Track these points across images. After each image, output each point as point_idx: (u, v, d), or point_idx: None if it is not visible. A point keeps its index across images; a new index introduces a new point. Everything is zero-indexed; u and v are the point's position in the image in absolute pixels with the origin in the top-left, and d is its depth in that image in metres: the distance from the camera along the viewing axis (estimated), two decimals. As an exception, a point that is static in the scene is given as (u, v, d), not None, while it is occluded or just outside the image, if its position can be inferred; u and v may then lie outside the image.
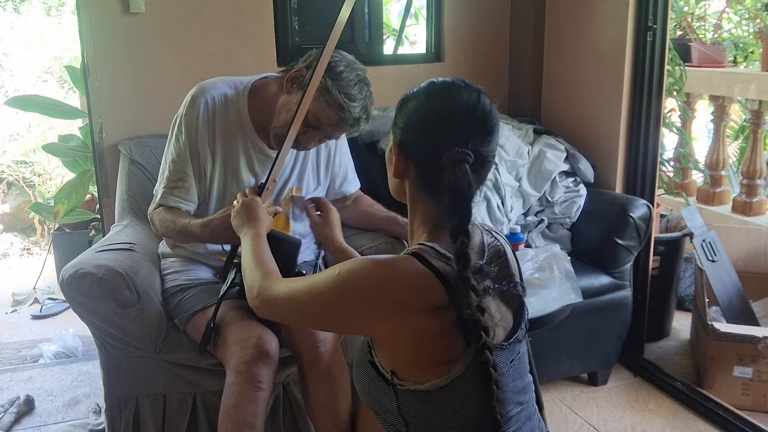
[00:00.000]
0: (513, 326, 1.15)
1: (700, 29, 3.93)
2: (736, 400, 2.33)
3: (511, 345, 1.12)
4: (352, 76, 1.70)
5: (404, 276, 1.05)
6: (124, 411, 1.87)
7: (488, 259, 1.14)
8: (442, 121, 1.11)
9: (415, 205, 1.17)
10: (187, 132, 1.81)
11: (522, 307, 1.18)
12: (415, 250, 1.09)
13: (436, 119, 1.12)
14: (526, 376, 1.17)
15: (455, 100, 1.12)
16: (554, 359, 2.37)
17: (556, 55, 2.88)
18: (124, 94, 2.47)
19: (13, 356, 2.90)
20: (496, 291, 1.12)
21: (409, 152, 1.14)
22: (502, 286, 1.14)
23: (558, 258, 1.82)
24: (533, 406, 1.18)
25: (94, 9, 2.40)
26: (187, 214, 1.84)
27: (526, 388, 1.16)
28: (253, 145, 1.85)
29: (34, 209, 3.92)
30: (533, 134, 2.76)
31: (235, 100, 1.84)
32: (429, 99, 1.14)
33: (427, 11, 3.05)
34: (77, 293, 1.75)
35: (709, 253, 2.69)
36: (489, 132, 1.12)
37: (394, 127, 1.18)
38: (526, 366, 1.18)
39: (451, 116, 1.11)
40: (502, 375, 1.07)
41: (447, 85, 1.15)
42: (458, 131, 1.09)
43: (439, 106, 1.13)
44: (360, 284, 1.06)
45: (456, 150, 1.06)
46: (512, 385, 1.11)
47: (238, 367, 1.58)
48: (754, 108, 3.39)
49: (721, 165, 3.56)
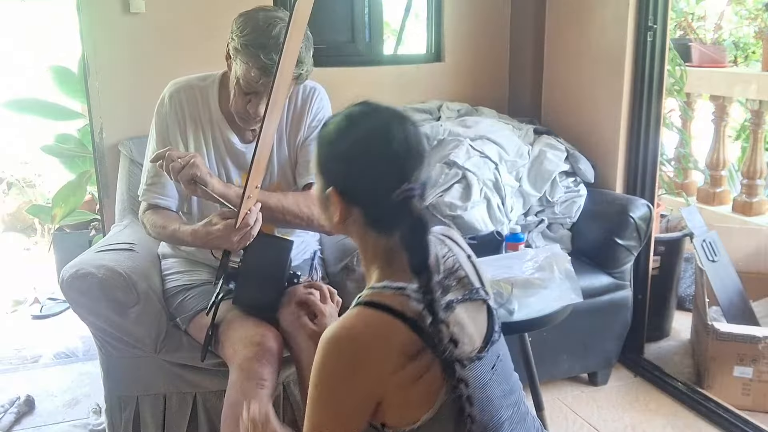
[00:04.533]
0: (486, 330, 1.13)
1: (700, 29, 3.93)
2: (736, 400, 2.33)
3: (490, 350, 1.11)
4: (255, 24, 1.64)
5: (369, 340, 1.02)
6: (124, 411, 1.87)
7: (444, 274, 1.12)
8: (383, 163, 1.08)
9: (364, 242, 1.14)
10: (159, 129, 1.82)
11: (490, 309, 1.16)
12: (368, 298, 1.06)
13: (377, 163, 1.08)
14: (511, 375, 1.16)
15: (390, 138, 1.09)
16: (554, 359, 2.37)
17: (556, 55, 2.88)
18: (124, 94, 2.47)
19: (13, 356, 2.90)
20: (460, 302, 1.10)
21: (353, 198, 1.10)
22: (465, 297, 1.12)
23: (558, 258, 1.82)
24: (524, 405, 1.17)
25: (94, 9, 2.40)
26: (176, 217, 1.83)
27: (513, 387, 1.15)
28: (223, 136, 1.84)
29: (33, 212, 3.91)
30: (533, 134, 2.76)
31: (205, 92, 1.83)
32: (362, 142, 1.10)
33: (427, 11, 3.05)
34: (77, 293, 1.75)
35: (709, 253, 2.69)
36: (423, 157, 1.10)
37: (327, 172, 1.13)
38: (510, 365, 1.17)
39: (390, 156, 1.08)
40: (484, 385, 1.06)
41: (376, 123, 1.11)
42: (400, 169, 1.07)
43: (375, 148, 1.09)
44: (337, 379, 1.03)
45: (404, 188, 1.04)
46: (498, 390, 1.09)
47: (242, 364, 1.58)
48: (754, 108, 3.38)
49: (721, 165, 3.55)
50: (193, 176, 1.57)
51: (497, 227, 2.40)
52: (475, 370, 1.05)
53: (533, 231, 2.53)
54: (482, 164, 2.50)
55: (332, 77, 2.55)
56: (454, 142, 2.55)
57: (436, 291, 1.02)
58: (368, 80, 2.88)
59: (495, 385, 1.09)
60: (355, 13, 2.88)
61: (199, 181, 1.58)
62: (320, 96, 1.90)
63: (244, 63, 1.65)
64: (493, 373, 1.09)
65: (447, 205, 2.38)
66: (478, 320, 1.13)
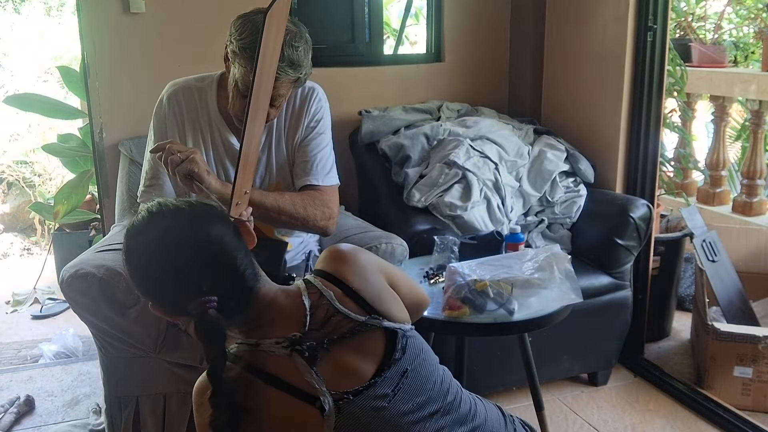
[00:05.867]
0: (384, 353, 1.10)
1: (700, 29, 3.92)
2: (736, 400, 2.33)
3: (388, 372, 1.08)
4: (252, 28, 1.63)
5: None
6: (124, 411, 1.87)
7: (311, 327, 1.08)
8: (165, 285, 1.06)
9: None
10: (158, 130, 1.83)
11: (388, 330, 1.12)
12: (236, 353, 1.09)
13: (159, 280, 1.06)
14: (426, 386, 1.11)
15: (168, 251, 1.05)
16: (554, 359, 2.37)
17: (556, 55, 2.88)
18: (124, 94, 2.47)
19: (13, 356, 2.90)
20: (334, 345, 1.08)
21: (166, 310, 1.10)
22: (344, 336, 1.09)
23: (558, 258, 1.82)
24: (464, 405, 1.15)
25: (94, 9, 2.40)
26: None
27: (435, 396, 1.11)
28: (222, 138, 1.84)
29: (35, 209, 3.93)
30: (533, 134, 2.76)
31: (204, 93, 1.83)
32: (142, 267, 1.07)
33: (427, 11, 3.06)
34: (77, 293, 1.75)
35: (709, 253, 2.69)
36: (221, 261, 1.07)
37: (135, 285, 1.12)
38: (426, 376, 1.12)
39: (170, 277, 1.05)
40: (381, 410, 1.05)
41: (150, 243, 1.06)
42: (186, 284, 1.05)
43: (153, 264, 1.06)
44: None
45: (196, 302, 1.03)
46: (407, 407, 1.07)
47: None
48: (754, 108, 3.38)
49: (721, 165, 3.55)
50: (191, 172, 1.56)
51: (497, 227, 2.41)
52: (364, 402, 1.05)
53: (533, 231, 2.53)
54: (482, 164, 2.50)
55: (332, 77, 2.56)
56: (454, 142, 2.55)
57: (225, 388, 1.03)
58: (368, 80, 2.88)
59: (401, 403, 1.07)
60: (355, 13, 2.88)
61: (195, 178, 1.57)
62: (318, 96, 1.89)
63: (242, 66, 1.65)
64: (397, 391, 1.07)
65: (447, 205, 2.38)
66: (369, 349, 1.10)
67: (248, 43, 1.62)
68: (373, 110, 2.78)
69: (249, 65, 1.62)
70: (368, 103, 2.82)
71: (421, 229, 2.31)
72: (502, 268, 1.78)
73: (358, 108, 2.78)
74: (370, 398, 1.06)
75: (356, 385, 1.06)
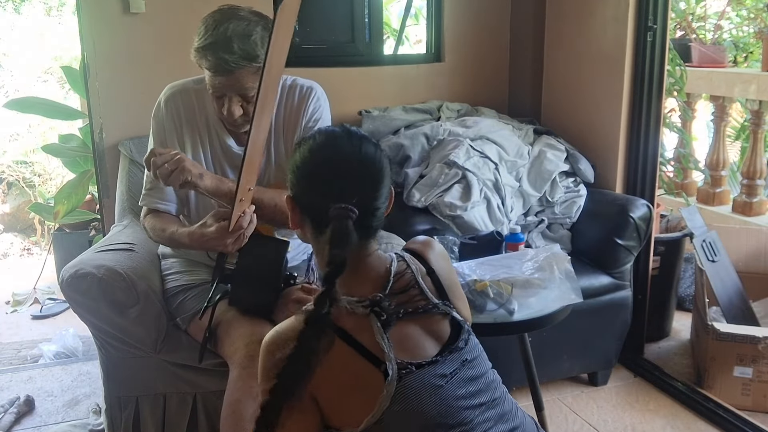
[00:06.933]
0: (448, 340, 1.17)
1: (700, 29, 3.93)
2: (736, 400, 2.33)
3: (448, 357, 1.14)
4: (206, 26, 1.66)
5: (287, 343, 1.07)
6: (124, 411, 1.86)
7: (392, 290, 1.15)
8: (323, 176, 1.15)
9: (315, 248, 1.22)
10: (157, 132, 1.83)
11: (455, 321, 1.19)
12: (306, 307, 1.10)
13: (318, 175, 1.15)
14: (480, 379, 1.17)
15: (336, 154, 1.15)
16: (554, 359, 2.37)
17: (556, 55, 2.88)
18: (124, 94, 2.47)
19: (13, 356, 2.90)
20: (408, 316, 1.14)
21: (301, 206, 1.18)
22: (417, 311, 1.16)
23: (558, 258, 1.82)
24: (508, 404, 1.19)
25: (94, 9, 2.40)
26: (176, 220, 1.83)
27: (485, 388, 1.16)
28: (219, 140, 1.84)
29: (35, 209, 3.93)
30: (533, 134, 2.76)
31: (201, 95, 1.83)
32: (311, 153, 1.17)
33: (427, 11, 3.06)
34: (77, 293, 1.75)
35: (709, 253, 2.69)
36: (375, 183, 1.15)
37: (288, 179, 1.21)
38: (482, 369, 1.18)
39: (332, 171, 1.15)
40: (438, 388, 1.10)
41: (328, 137, 1.17)
42: (340, 187, 1.13)
43: (320, 160, 1.16)
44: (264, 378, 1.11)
45: (339, 207, 1.09)
46: (461, 392, 1.12)
47: (242, 362, 1.58)
48: (754, 108, 3.39)
49: (721, 165, 3.56)
50: (184, 181, 1.59)
51: (497, 227, 2.41)
52: (424, 377, 1.09)
53: (533, 231, 2.53)
54: (482, 164, 2.50)
55: (332, 77, 2.56)
56: (454, 142, 2.55)
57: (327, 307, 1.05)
58: (368, 80, 2.88)
59: (455, 387, 1.12)
60: (355, 13, 2.88)
61: (189, 187, 1.60)
62: (317, 96, 1.89)
63: (204, 67, 1.66)
64: (451, 377, 1.12)
65: (447, 205, 2.38)
66: (434, 332, 1.16)
67: (201, 42, 1.64)
68: (373, 110, 2.78)
69: (204, 63, 1.64)
70: (368, 103, 2.82)
71: (421, 229, 2.31)
72: (502, 268, 1.79)
73: (358, 108, 2.78)
74: (431, 375, 1.11)
75: (420, 359, 1.11)
